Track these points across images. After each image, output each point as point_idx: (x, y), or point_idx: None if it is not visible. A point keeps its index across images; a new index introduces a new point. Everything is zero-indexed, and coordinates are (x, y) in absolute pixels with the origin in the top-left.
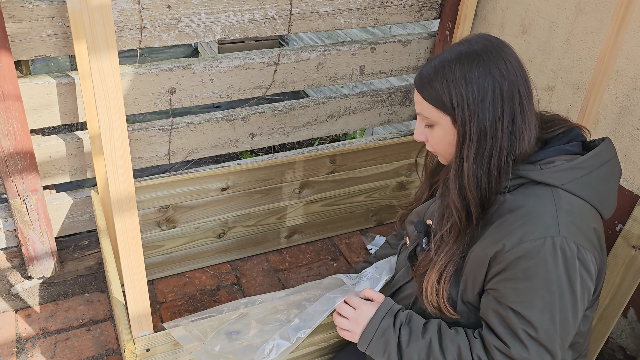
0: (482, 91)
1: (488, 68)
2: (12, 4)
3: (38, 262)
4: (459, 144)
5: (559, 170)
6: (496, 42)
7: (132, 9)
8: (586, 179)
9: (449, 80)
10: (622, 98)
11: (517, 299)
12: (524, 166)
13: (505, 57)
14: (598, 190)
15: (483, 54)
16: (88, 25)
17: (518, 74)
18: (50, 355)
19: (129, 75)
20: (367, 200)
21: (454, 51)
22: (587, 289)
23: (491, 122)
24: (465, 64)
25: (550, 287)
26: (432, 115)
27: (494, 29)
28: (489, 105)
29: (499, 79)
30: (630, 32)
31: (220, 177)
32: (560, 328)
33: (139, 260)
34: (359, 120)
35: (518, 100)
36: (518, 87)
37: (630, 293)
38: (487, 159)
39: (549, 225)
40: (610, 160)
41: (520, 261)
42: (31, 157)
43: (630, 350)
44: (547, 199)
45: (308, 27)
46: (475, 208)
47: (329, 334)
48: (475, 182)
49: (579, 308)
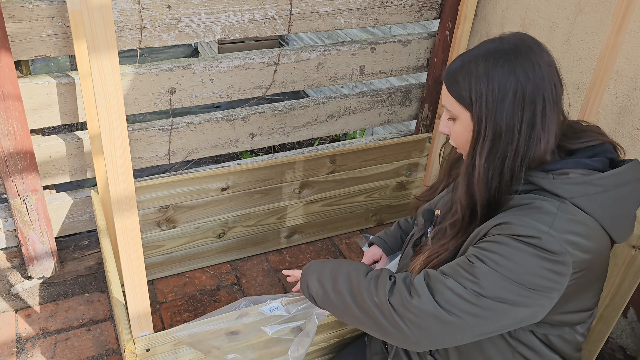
0: (502, 90)
1: (513, 68)
2: (12, 4)
3: (38, 262)
4: (473, 141)
5: (571, 182)
6: (529, 43)
7: (132, 9)
8: (599, 197)
9: (472, 75)
10: (622, 98)
11: (479, 261)
12: (536, 173)
13: (535, 60)
14: (611, 211)
15: (511, 54)
16: (88, 25)
17: (546, 78)
18: (50, 355)
19: (129, 75)
20: (367, 200)
21: (484, 47)
22: (550, 292)
23: (508, 123)
24: (490, 61)
25: (512, 274)
26: (454, 108)
27: (494, 28)
28: (508, 106)
29: (522, 80)
30: (630, 32)
31: (220, 177)
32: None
33: (139, 260)
34: (359, 120)
35: (541, 106)
36: (543, 92)
37: (630, 293)
38: (499, 159)
39: (543, 221)
40: (632, 182)
41: (501, 237)
42: (31, 157)
43: (630, 350)
44: (553, 204)
45: (308, 27)
46: (481, 207)
47: (329, 334)
48: (485, 182)
49: (524, 305)
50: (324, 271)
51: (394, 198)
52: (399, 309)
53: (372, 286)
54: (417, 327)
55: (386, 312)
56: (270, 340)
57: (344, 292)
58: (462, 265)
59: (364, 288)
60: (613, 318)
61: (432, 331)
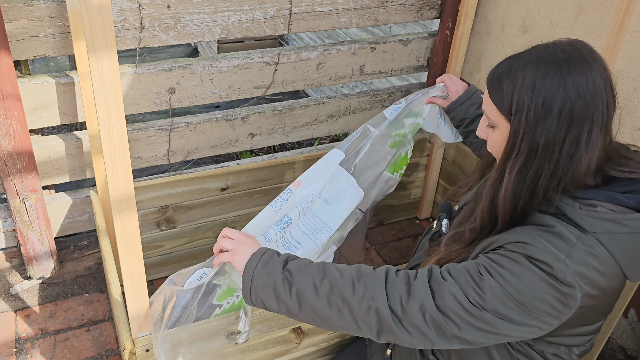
0: (547, 105)
1: (563, 82)
2: (12, 3)
3: (37, 262)
4: (505, 155)
5: (597, 217)
6: (586, 54)
7: (131, 9)
8: (623, 238)
9: (517, 84)
10: (622, 98)
11: (488, 274)
12: (563, 198)
13: (590, 74)
14: (632, 255)
15: (564, 65)
16: (87, 25)
17: (599, 96)
18: (50, 355)
19: (129, 75)
20: None
21: (535, 53)
22: (551, 319)
23: (547, 140)
24: (540, 70)
25: (517, 294)
26: (494, 116)
27: (494, 28)
28: (551, 123)
29: (572, 96)
30: (631, 31)
31: (220, 177)
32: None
33: (139, 261)
34: (359, 120)
35: (588, 125)
36: (594, 111)
37: (631, 293)
38: (532, 177)
39: (561, 249)
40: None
41: (515, 255)
42: (30, 157)
43: (630, 351)
44: (573, 233)
45: (308, 26)
46: (502, 223)
47: (329, 334)
48: (512, 198)
49: (523, 326)
50: (278, 286)
51: (394, 198)
52: (397, 310)
53: (360, 288)
54: (415, 330)
55: (380, 315)
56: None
57: (319, 307)
58: (470, 272)
59: (350, 293)
60: (613, 318)
61: (429, 334)
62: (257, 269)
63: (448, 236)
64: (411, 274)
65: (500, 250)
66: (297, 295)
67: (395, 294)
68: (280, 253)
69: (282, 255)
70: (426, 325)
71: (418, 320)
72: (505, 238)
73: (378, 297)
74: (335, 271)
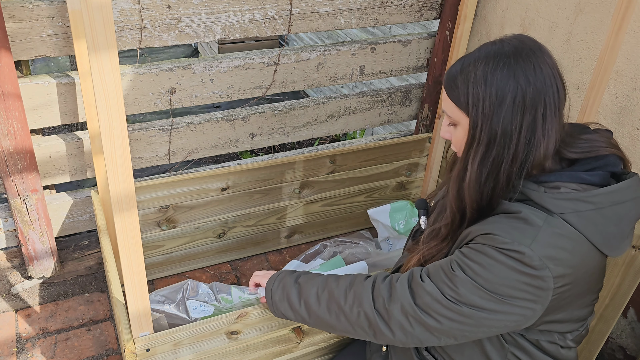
0: (501, 95)
1: (513, 72)
2: (12, 4)
3: (38, 262)
4: (467, 146)
5: (562, 198)
6: (530, 45)
7: (132, 9)
8: (591, 215)
9: (470, 79)
10: (622, 98)
11: (459, 269)
12: (528, 184)
13: (537, 63)
14: (603, 230)
15: (512, 56)
16: (88, 25)
17: (548, 82)
18: (50, 355)
19: (129, 75)
20: (367, 200)
21: (484, 50)
22: (529, 304)
23: (505, 128)
24: (490, 64)
25: (489, 285)
26: (454, 114)
27: (494, 29)
28: (506, 111)
29: (523, 84)
30: (630, 32)
31: (220, 177)
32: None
33: (139, 260)
34: (359, 120)
35: (542, 110)
36: (545, 95)
37: (630, 293)
38: (494, 165)
39: (527, 234)
40: (629, 201)
41: (482, 247)
42: (31, 157)
43: (630, 350)
44: (540, 217)
45: (308, 27)
46: (471, 212)
47: (328, 334)
48: (476, 187)
49: (503, 315)
50: (290, 298)
51: (394, 198)
52: (384, 314)
53: (351, 297)
54: (401, 330)
55: (371, 320)
56: (270, 339)
57: (320, 313)
58: (444, 269)
59: (343, 301)
60: (613, 318)
61: (415, 333)
62: (274, 285)
63: (426, 234)
64: (394, 278)
65: (471, 244)
66: (305, 304)
67: (379, 298)
68: (296, 271)
69: (296, 273)
70: (410, 325)
71: (402, 321)
72: (476, 230)
73: (365, 302)
74: (334, 282)
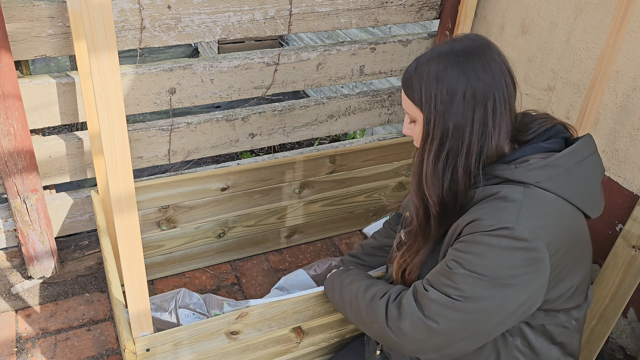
0: (451, 91)
1: (463, 69)
2: (12, 4)
3: (38, 262)
4: (422, 142)
5: (533, 168)
6: (479, 43)
7: (132, 9)
8: (563, 177)
9: (423, 78)
10: (622, 98)
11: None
12: (499, 166)
13: (485, 59)
14: (578, 188)
15: (462, 55)
16: (88, 25)
17: (497, 77)
18: (50, 355)
19: (129, 75)
20: (367, 200)
21: (437, 50)
22: (532, 279)
23: (457, 122)
24: (441, 63)
25: (488, 271)
26: (411, 111)
27: (494, 29)
28: (457, 106)
29: (472, 81)
30: (630, 32)
31: (220, 177)
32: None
33: (139, 260)
34: (359, 120)
35: (492, 104)
36: (494, 90)
37: (630, 293)
38: (449, 159)
39: (510, 210)
40: (589, 156)
41: (472, 236)
42: (31, 157)
43: (630, 350)
44: (517, 191)
45: (308, 27)
46: (433, 206)
47: (329, 334)
48: (434, 181)
49: (511, 299)
50: (334, 299)
51: (394, 198)
52: (396, 331)
53: (370, 313)
54: (416, 343)
55: (387, 335)
56: (270, 339)
57: (354, 319)
58: (442, 272)
59: (365, 315)
60: (613, 318)
61: (431, 343)
62: (327, 285)
63: (403, 236)
64: (402, 294)
65: (461, 238)
66: (343, 311)
67: (391, 317)
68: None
69: (343, 275)
70: (424, 338)
71: (416, 335)
72: (462, 221)
73: (380, 321)
74: (362, 293)
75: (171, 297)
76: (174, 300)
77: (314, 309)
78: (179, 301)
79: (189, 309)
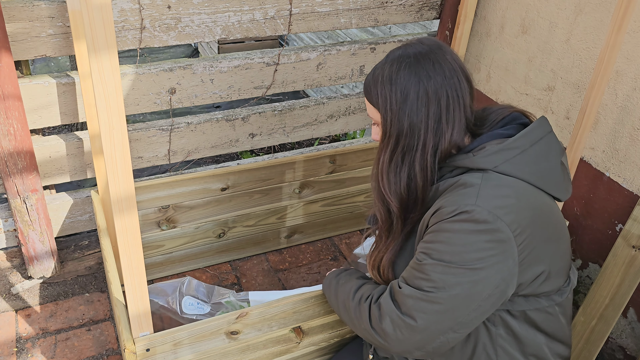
0: (404, 92)
1: (415, 70)
2: (12, 4)
3: (38, 262)
4: (381, 140)
5: (490, 153)
6: (430, 45)
7: (132, 9)
8: (520, 159)
9: (378, 81)
10: (622, 98)
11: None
12: (459, 156)
13: (437, 59)
14: (537, 168)
15: (413, 57)
16: (88, 25)
17: (448, 75)
18: (50, 355)
19: (129, 75)
20: (367, 200)
21: (391, 55)
22: (500, 261)
23: (411, 121)
24: (394, 66)
25: (454, 257)
26: (373, 115)
27: (494, 29)
28: (411, 105)
29: (424, 80)
30: (630, 32)
31: (220, 177)
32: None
33: (139, 260)
34: (359, 120)
35: (445, 101)
36: (446, 88)
37: (630, 293)
38: (406, 155)
39: (469, 194)
40: (544, 137)
41: (436, 226)
42: (31, 157)
43: (630, 350)
44: (476, 176)
45: (308, 27)
46: (393, 203)
47: (328, 334)
48: (391, 176)
49: (482, 283)
50: (330, 299)
51: None
52: (380, 332)
53: (358, 314)
54: (399, 343)
55: (374, 337)
56: (270, 339)
57: (347, 320)
58: (414, 266)
59: (354, 316)
60: (613, 318)
61: (413, 340)
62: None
63: (373, 234)
64: (378, 296)
65: (428, 229)
66: (337, 310)
67: (374, 317)
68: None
69: (339, 277)
70: (404, 336)
71: (397, 335)
72: (428, 213)
73: (364, 322)
74: (353, 294)
75: (176, 284)
76: (178, 288)
77: (314, 308)
78: (183, 288)
79: (193, 298)
